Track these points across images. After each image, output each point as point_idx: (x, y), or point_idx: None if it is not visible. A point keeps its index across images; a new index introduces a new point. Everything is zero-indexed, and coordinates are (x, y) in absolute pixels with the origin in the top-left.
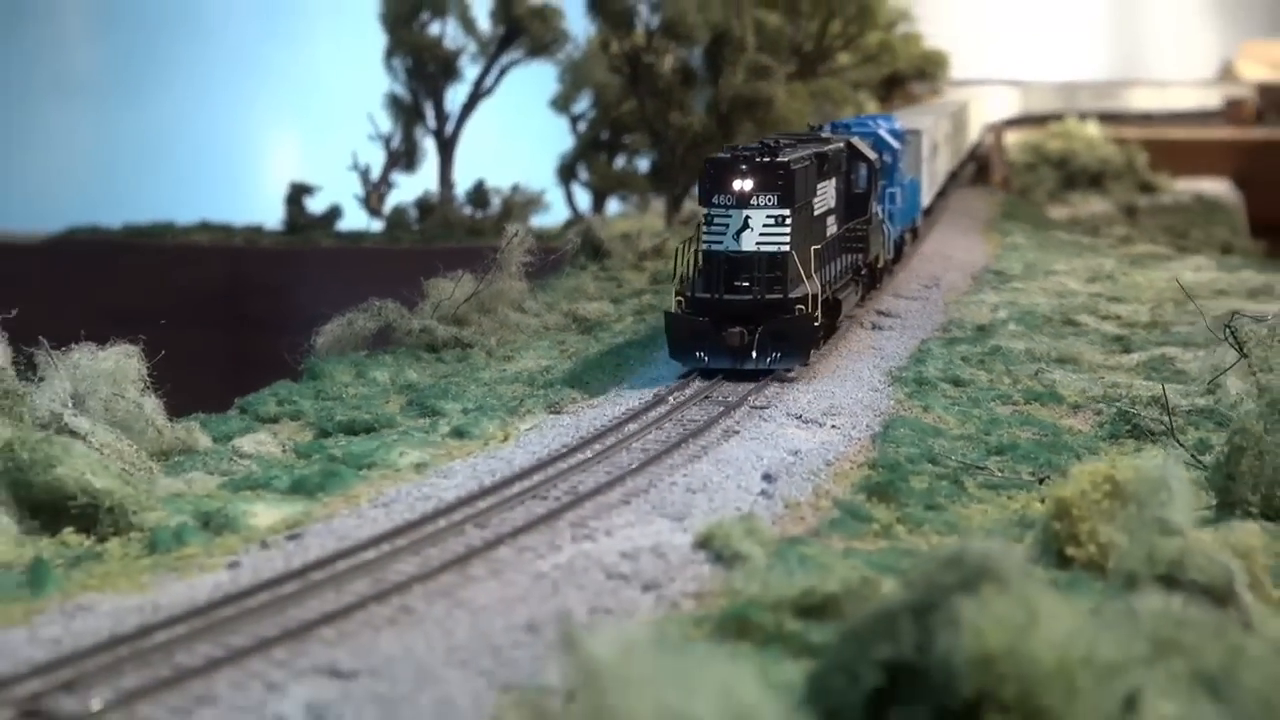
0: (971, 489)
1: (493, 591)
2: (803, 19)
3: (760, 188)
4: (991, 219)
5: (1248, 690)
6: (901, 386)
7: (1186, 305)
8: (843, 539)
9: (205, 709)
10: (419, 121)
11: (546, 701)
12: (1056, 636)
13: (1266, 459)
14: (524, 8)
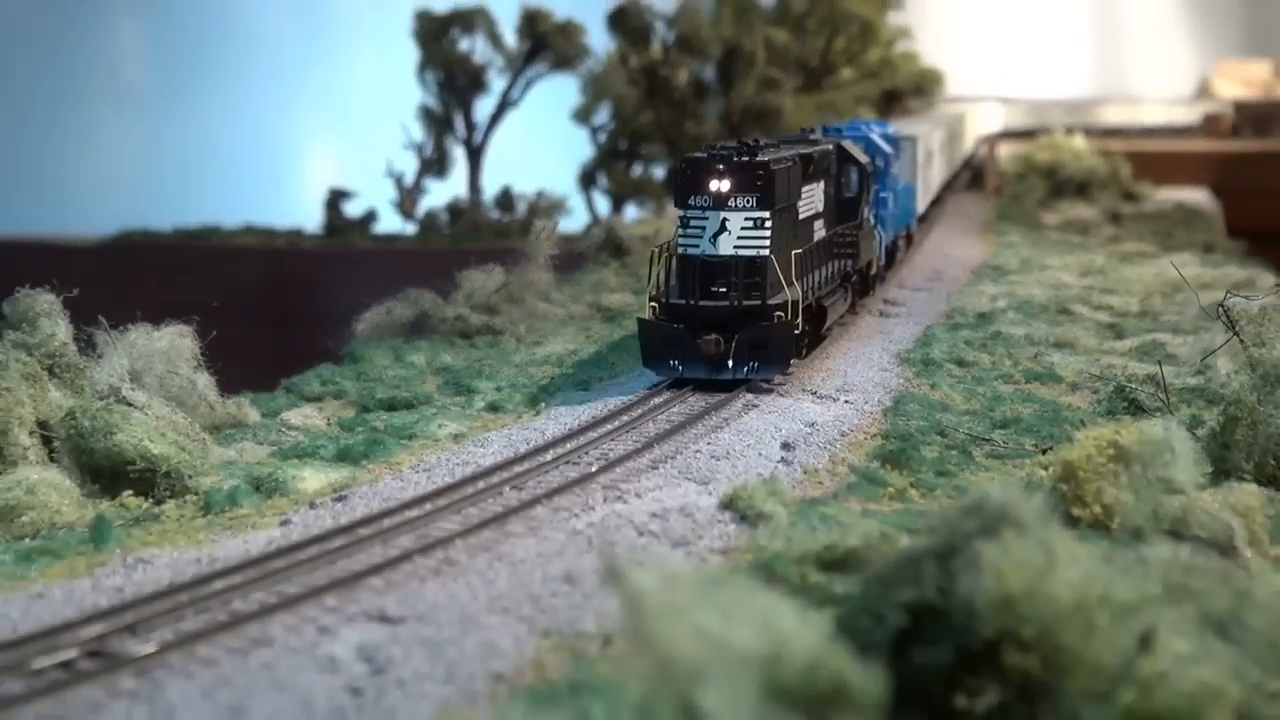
0: (979, 458)
1: (530, 546)
2: (809, 36)
3: (738, 189)
4: (987, 221)
5: (1254, 632)
6: (909, 366)
7: (1174, 296)
8: (860, 501)
9: (261, 650)
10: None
11: (584, 645)
12: (1074, 578)
13: (1259, 428)
14: (548, 24)
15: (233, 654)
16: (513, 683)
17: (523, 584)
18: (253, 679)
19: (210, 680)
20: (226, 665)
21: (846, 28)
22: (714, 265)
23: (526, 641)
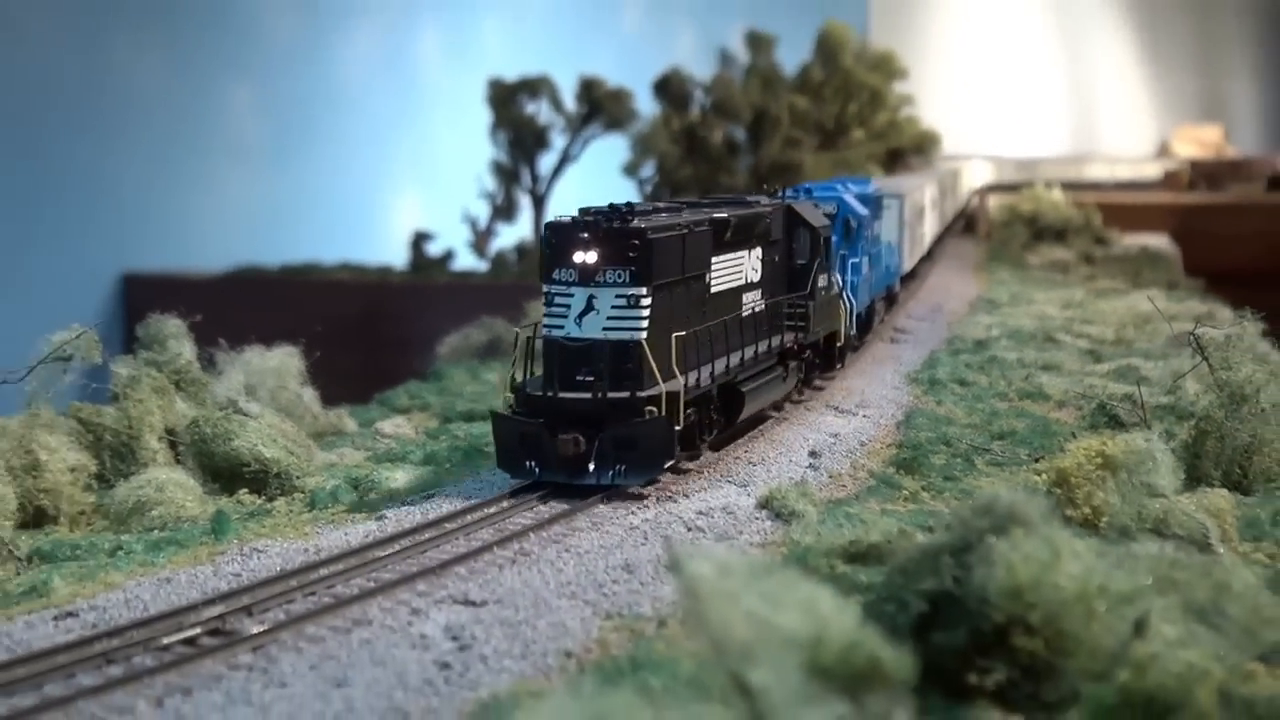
0: (980, 465)
1: (594, 539)
2: (826, 102)
3: (608, 260)
4: (980, 261)
5: (1232, 619)
6: (918, 385)
7: (1144, 327)
8: (879, 502)
9: (361, 629)
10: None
11: (643, 626)
12: (1076, 571)
13: (1226, 441)
14: (602, 91)
15: (336, 632)
16: (581, 659)
17: (588, 572)
18: (354, 654)
19: (317, 655)
20: (331, 642)
21: (858, 95)
22: (578, 350)
23: (591, 622)
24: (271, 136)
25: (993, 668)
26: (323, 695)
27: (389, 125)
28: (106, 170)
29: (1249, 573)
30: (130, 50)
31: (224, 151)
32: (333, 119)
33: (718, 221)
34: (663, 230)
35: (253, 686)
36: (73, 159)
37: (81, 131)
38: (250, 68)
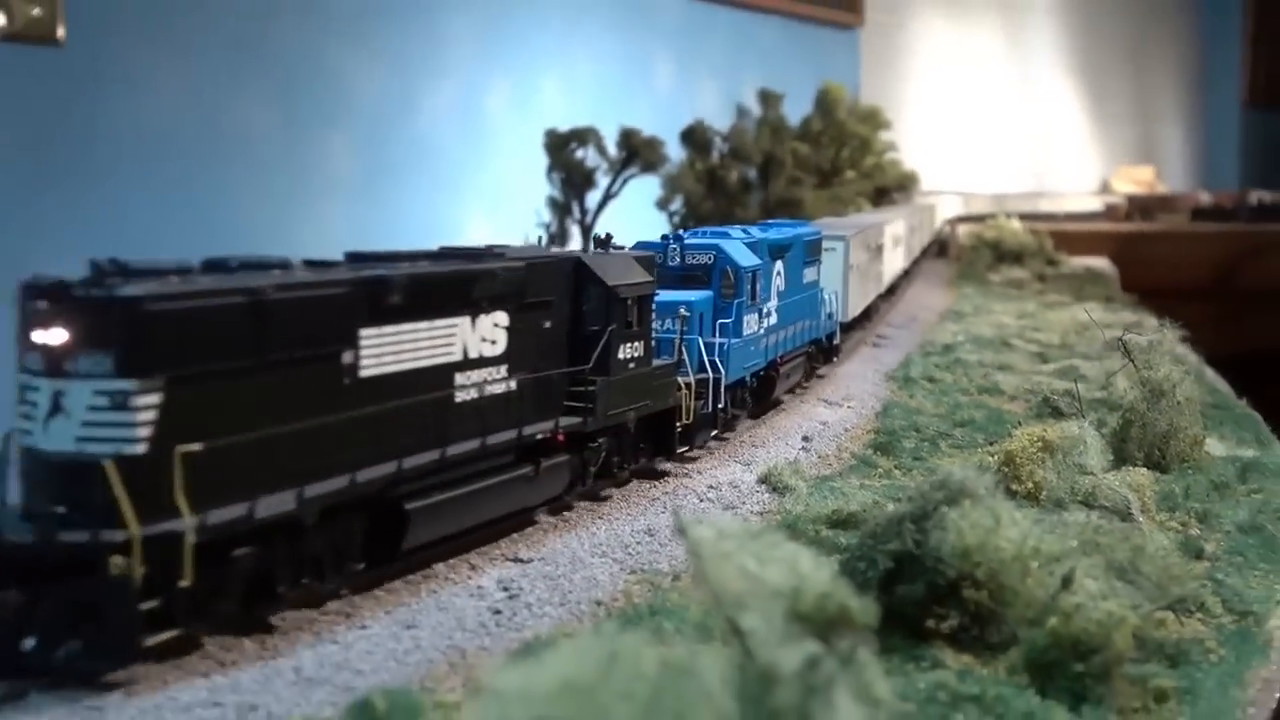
0: (944, 448)
1: (622, 508)
2: (823, 148)
3: (83, 343)
4: (950, 280)
5: (1146, 575)
6: (894, 382)
7: (1084, 334)
8: (858, 479)
9: (429, 582)
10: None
11: (660, 580)
12: (1014, 535)
13: (1148, 428)
14: (639, 139)
15: (409, 585)
16: (608, 607)
17: (616, 535)
18: (423, 603)
19: (392, 604)
20: (403, 593)
21: (850, 143)
22: (36, 468)
23: (619, 577)
24: (362, 175)
25: (946, 615)
26: (395, 635)
27: (462, 166)
28: (225, 204)
29: (1163, 538)
30: (247, 103)
31: (322, 188)
32: (416, 160)
33: (368, 284)
34: (181, 299)
35: (337, 625)
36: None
37: (206, 172)
38: (345, 117)
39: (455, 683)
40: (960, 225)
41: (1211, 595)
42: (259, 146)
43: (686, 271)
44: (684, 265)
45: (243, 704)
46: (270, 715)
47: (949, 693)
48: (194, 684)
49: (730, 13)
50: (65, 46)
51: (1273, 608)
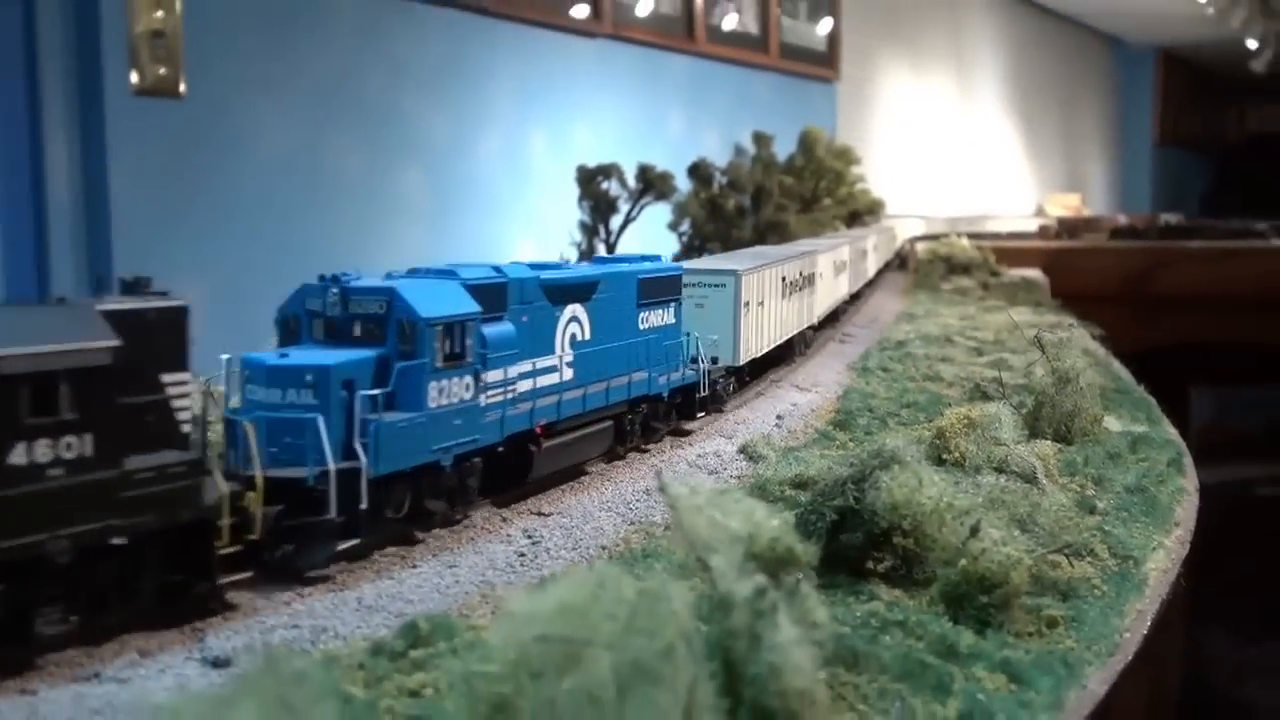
0: (892, 425)
1: (626, 473)
2: (805, 180)
3: None
4: (907, 288)
5: (1042, 525)
6: (854, 371)
7: (1015, 333)
8: (819, 449)
9: (469, 532)
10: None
11: (654, 530)
12: (933, 493)
13: (1055, 408)
14: (653, 174)
15: (452, 533)
16: (611, 551)
17: (620, 494)
18: (462, 547)
19: (438, 548)
20: (448, 539)
21: (827, 175)
22: None
23: (621, 527)
24: (431, 204)
25: (881, 558)
26: (439, 573)
27: (509, 197)
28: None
29: (1062, 496)
30: (340, 145)
31: (402, 216)
32: (472, 192)
33: None
34: None
35: (391, 566)
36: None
37: (308, 202)
38: (417, 158)
39: (486, 611)
40: (919, 243)
41: (1100, 543)
42: (349, 181)
43: (362, 323)
44: (347, 315)
45: (315, 626)
46: (337, 634)
47: (880, 619)
48: (277, 611)
49: (729, 70)
50: (186, 100)
51: (1150, 553)
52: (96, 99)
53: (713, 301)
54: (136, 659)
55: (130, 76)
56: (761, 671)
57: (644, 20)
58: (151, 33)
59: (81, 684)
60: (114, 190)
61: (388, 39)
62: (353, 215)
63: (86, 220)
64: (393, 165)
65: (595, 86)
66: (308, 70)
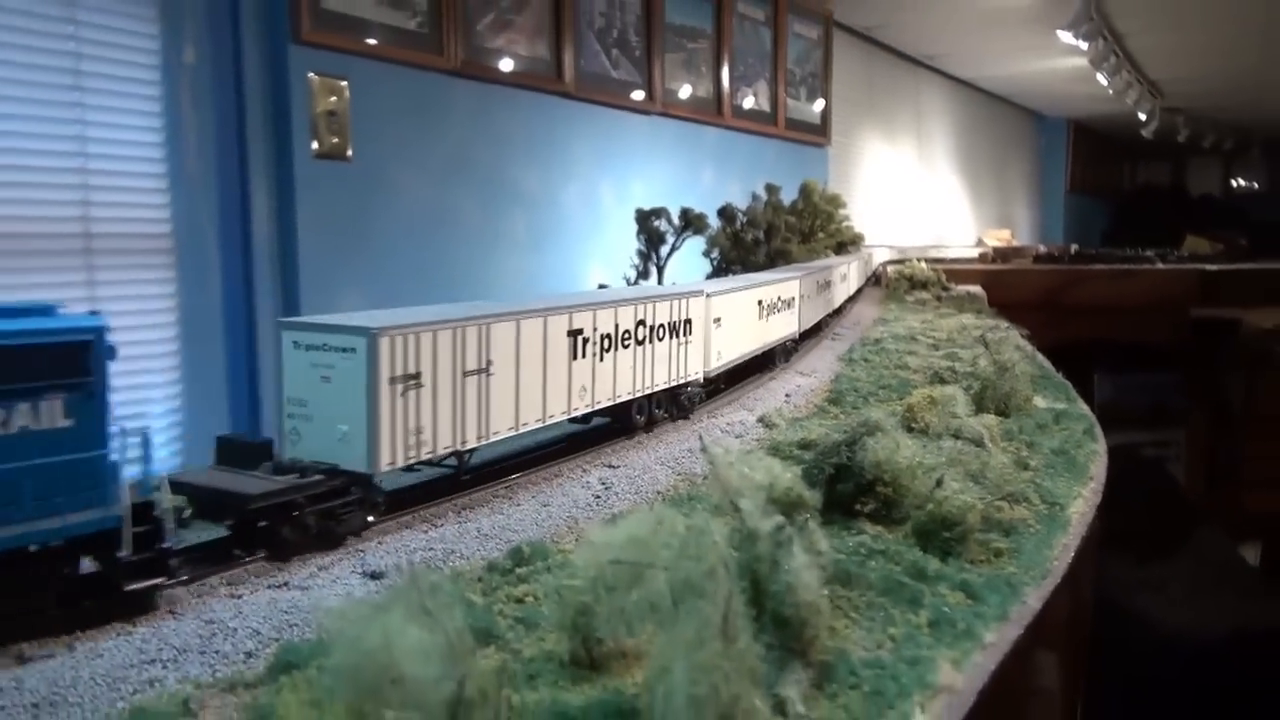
0: (872, 401)
1: (675, 436)
2: (804, 219)
3: None
4: (882, 300)
5: (990, 479)
6: (842, 361)
7: (964, 333)
8: (818, 419)
9: (557, 479)
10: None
11: (695, 480)
12: (907, 454)
13: (997, 390)
14: (692, 214)
15: (546, 479)
16: (664, 495)
17: (671, 453)
18: (553, 490)
19: (535, 491)
20: (542, 485)
21: (820, 215)
22: None
23: (671, 478)
24: (530, 240)
25: (867, 503)
26: (536, 510)
27: (586, 234)
28: (447, 261)
29: (1003, 457)
30: (460, 195)
31: (507, 248)
32: (559, 230)
33: None
34: None
35: (501, 505)
36: (432, 256)
37: (436, 240)
38: (518, 203)
39: (571, 538)
40: (889, 266)
41: (1033, 492)
42: (468, 222)
43: None
44: None
45: (446, 549)
46: (462, 555)
47: (867, 549)
48: (416, 535)
49: (748, 138)
50: (353, 162)
51: (1072, 500)
52: (287, 162)
53: (340, 374)
54: (315, 571)
55: (312, 144)
56: (780, 588)
57: (685, 101)
58: (327, 112)
59: (274, 590)
60: (300, 230)
61: (495, 117)
62: (470, 248)
63: (280, 254)
64: (499, 211)
65: (648, 151)
66: (437, 141)
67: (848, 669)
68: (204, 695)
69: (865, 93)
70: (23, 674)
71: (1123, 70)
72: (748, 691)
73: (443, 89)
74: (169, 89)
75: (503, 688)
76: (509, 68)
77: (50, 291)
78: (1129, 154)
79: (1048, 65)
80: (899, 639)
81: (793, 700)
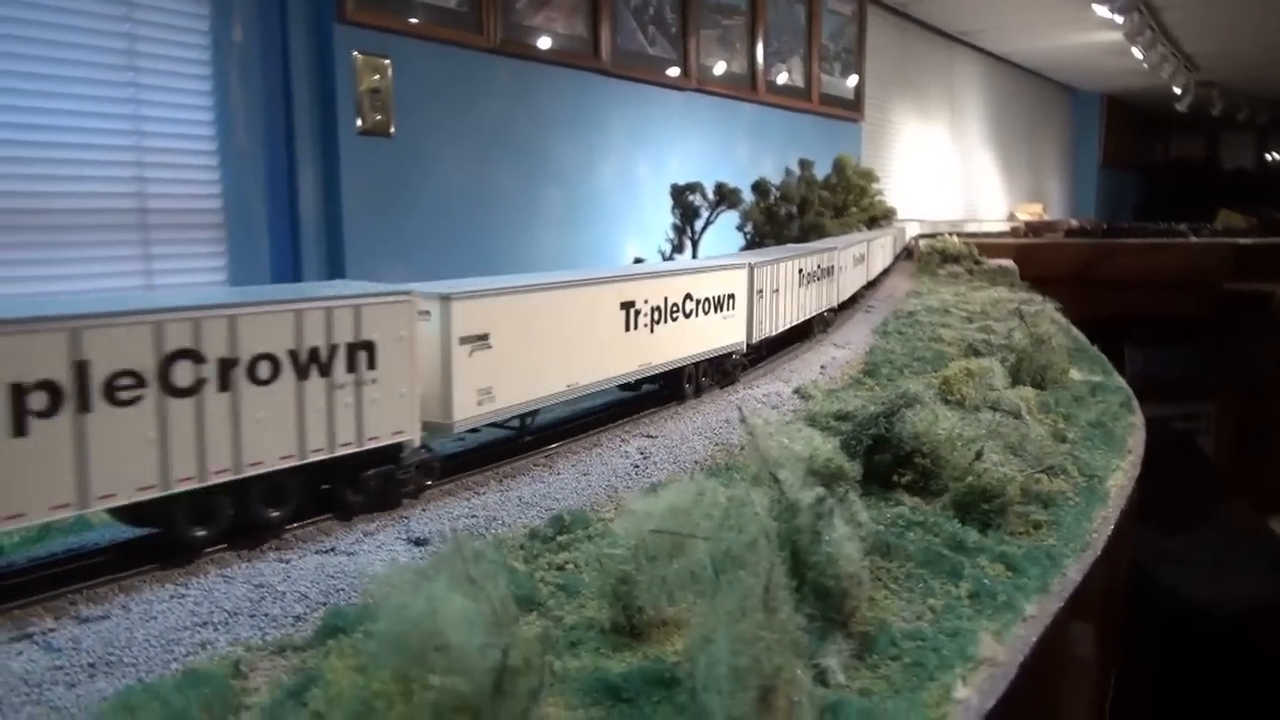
0: (906, 374)
1: (711, 407)
2: (837, 193)
3: None
4: (915, 273)
5: (1029, 451)
6: (877, 334)
7: (998, 305)
8: (854, 391)
9: (596, 449)
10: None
11: (732, 450)
12: (946, 426)
13: (1033, 362)
14: (727, 189)
15: (585, 449)
16: (702, 465)
17: (708, 423)
18: (592, 459)
19: (575, 460)
20: (582, 454)
21: (854, 190)
22: None
23: (708, 448)
24: (565, 215)
25: (905, 474)
26: (576, 478)
27: (623, 208)
28: (486, 234)
29: (1041, 429)
30: (499, 171)
31: (543, 223)
32: (596, 205)
33: None
34: None
35: (542, 473)
36: (470, 229)
37: (475, 214)
38: (555, 179)
39: (610, 507)
40: (921, 240)
41: (1071, 464)
42: (507, 197)
43: None
44: None
45: (488, 516)
46: (504, 522)
47: (905, 520)
48: (459, 503)
49: (782, 114)
50: (395, 138)
51: (1110, 473)
52: (333, 138)
53: None
54: (360, 537)
55: (356, 121)
56: (821, 559)
57: (720, 77)
58: (371, 90)
59: (322, 555)
60: (345, 204)
61: (533, 94)
62: (508, 222)
63: (326, 227)
64: (536, 185)
65: (683, 126)
66: (476, 118)
67: (888, 640)
68: (254, 658)
69: (899, 68)
70: (80, 634)
71: (1158, 44)
72: (790, 662)
73: (482, 67)
74: (219, 68)
75: (545, 655)
76: (547, 45)
77: (108, 265)
78: (1163, 128)
79: (1082, 39)
80: (939, 610)
81: (834, 671)
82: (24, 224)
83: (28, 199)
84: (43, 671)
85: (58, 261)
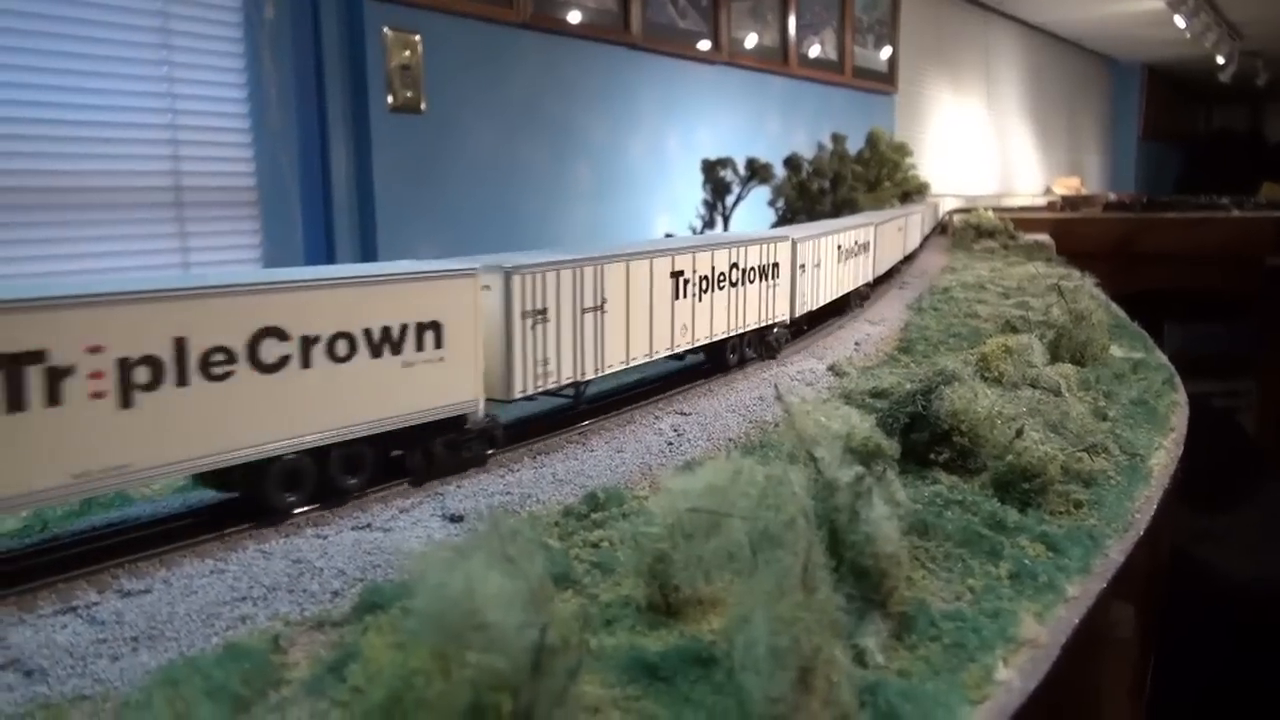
0: (943, 350)
1: (744, 384)
2: (870, 168)
3: None
4: (949, 248)
5: (1070, 430)
6: (911, 310)
7: (1034, 280)
8: (889, 368)
9: (630, 425)
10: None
11: (766, 427)
12: (985, 404)
13: (1073, 339)
14: (758, 164)
15: (619, 426)
16: (736, 442)
17: (742, 400)
18: (625, 435)
19: (608, 437)
20: (615, 431)
21: (887, 164)
22: None
23: (742, 425)
24: (595, 189)
25: (943, 452)
26: (609, 455)
27: (652, 184)
28: (518, 208)
29: (1081, 407)
30: (528, 146)
31: (573, 198)
32: (626, 180)
33: None
34: None
35: (575, 450)
36: (501, 203)
37: (506, 188)
38: (585, 154)
39: (645, 485)
40: (956, 215)
41: (1113, 443)
42: (536, 172)
43: None
44: None
45: (523, 493)
46: (539, 500)
47: (943, 499)
48: (494, 479)
49: (815, 87)
50: (426, 114)
51: (1153, 451)
52: (364, 115)
53: None
54: (396, 514)
55: (387, 98)
56: (859, 539)
57: (751, 50)
58: (401, 67)
59: (358, 531)
60: (377, 180)
61: (563, 69)
62: (538, 197)
63: (359, 203)
64: (566, 160)
65: (714, 100)
66: (506, 93)
67: (927, 621)
68: (293, 633)
69: (933, 39)
70: (123, 608)
71: (1201, 11)
72: (828, 643)
73: (512, 41)
74: (251, 46)
75: (582, 633)
76: (577, 20)
77: (145, 242)
78: (1204, 99)
79: (1122, 8)
80: (979, 591)
81: (872, 651)
82: (61, 202)
83: (64, 177)
84: (87, 645)
85: (94, 239)
